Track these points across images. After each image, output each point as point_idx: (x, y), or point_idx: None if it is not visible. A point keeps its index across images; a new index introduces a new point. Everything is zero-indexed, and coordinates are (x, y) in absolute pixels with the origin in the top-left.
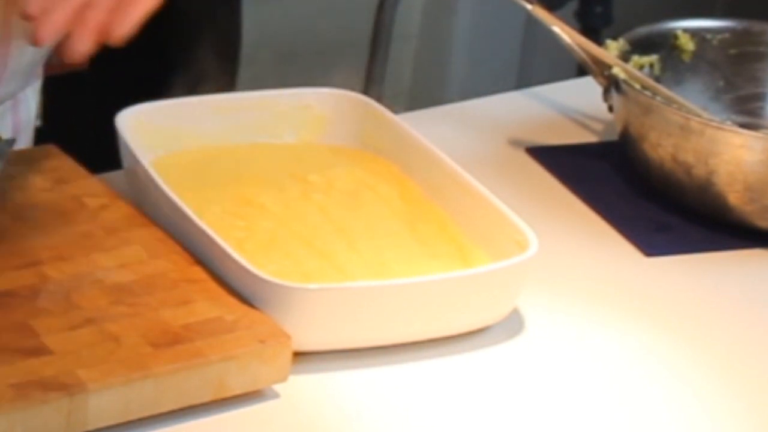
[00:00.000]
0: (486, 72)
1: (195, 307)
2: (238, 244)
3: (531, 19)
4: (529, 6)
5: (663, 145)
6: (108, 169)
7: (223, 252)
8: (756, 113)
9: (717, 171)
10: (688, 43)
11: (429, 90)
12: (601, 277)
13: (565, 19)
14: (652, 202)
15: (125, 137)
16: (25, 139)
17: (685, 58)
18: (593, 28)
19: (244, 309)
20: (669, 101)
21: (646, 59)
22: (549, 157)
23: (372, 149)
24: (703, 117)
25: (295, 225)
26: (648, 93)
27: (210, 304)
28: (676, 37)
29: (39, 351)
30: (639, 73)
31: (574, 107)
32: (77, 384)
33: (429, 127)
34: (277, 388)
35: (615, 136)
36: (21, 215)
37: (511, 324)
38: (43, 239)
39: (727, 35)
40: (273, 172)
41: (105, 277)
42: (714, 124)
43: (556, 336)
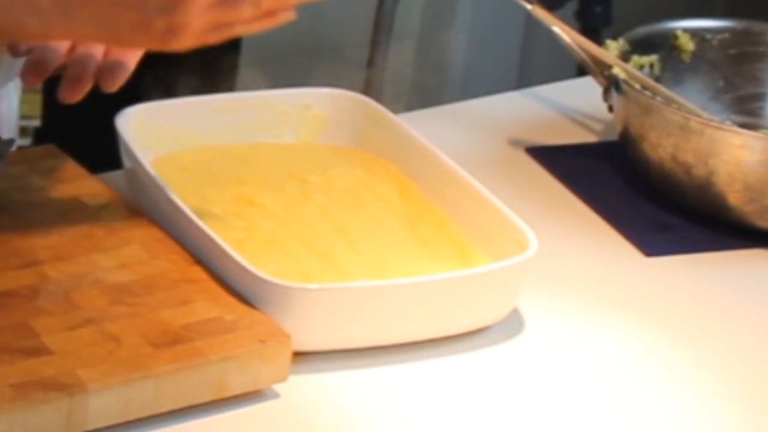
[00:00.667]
0: (486, 72)
1: (195, 307)
2: (238, 244)
3: (531, 19)
4: (529, 6)
5: (663, 145)
6: (108, 169)
7: (223, 252)
8: (756, 113)
9: (717, 171)
10: (688, 43)
11: (429, 90)
12: (601, 277)
13: (565, 19)
14: (652, 202)
15: (125, 137)
16: (9, 132)
17: (685, 58)
18: (593, 28)
19: (244, 309)
20: (669, 101)
21: (646, 59)
22: (549, 157)
23: (372, 149)
24: (703, 117)
25: (295, 225)
26: (648, 93)
27: (210, 304)
28: (676, 37)
29: (39, 351)
30: (639, 73)
31: (574, 107)
32: (77, 384)
33: (429, 127)
34: (277, 388)
35: (615, 136)
36: (21, 215)
37: (511, 324)
38: (43, 239)
39: (727, 35)
40: (273, 172)
41: (105, 277)
42: (714, 124)
43: (556, 336)
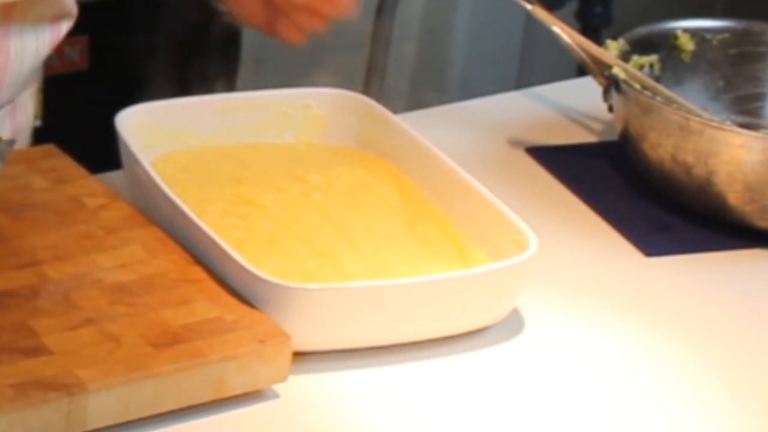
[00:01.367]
0: (486, 72)
1: (195, 307)
2: (238, 244)
3: (531, 19)
4: (529, 6)
5: (663, 145)
6: (108, 169)
7: (223, 252)
8: (756, 113)
9: (717, 171)
10: (688, 43)
11: (429, 90)
12: (601, 277)
13: (565, 19)
14: (652, 202)
15: (125, 137)
16: (23, 143)
17: (685, 58)
18: (593, 28)
19: (244, 309)
20: (669, 101)
21: (646, 59)
22: (549, 157)
23: (372, 149)
24: (702, 117)
25: (295, 225)
26: (648, 93)
27: (210, 304)
28: (676, 37)
29: (39, 351)
30: (639, 73)
31: (574, 107)
32: (77, 384)
33: (429, 127)
34: (277, 388)
35: (615, 136)
36: (21, 215)
37: (511, 324)
38: (43, 239)
39: (727, 35)
40: (273, 172)
41: (105, 277)
42: (714, 124)
43: (556, 336)
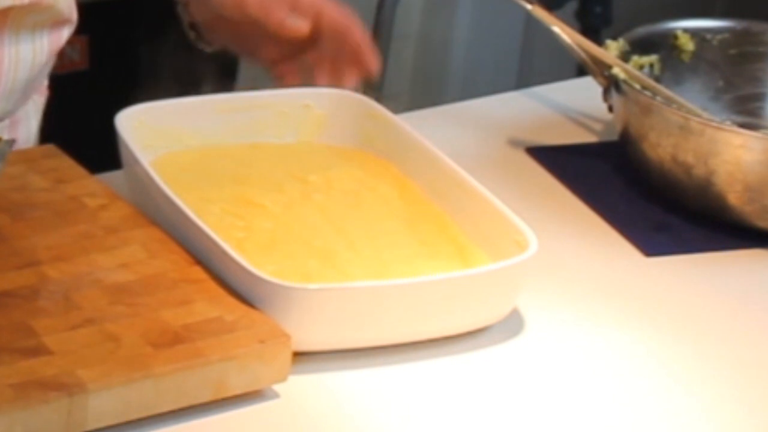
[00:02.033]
0: (486, 72)
1: (195, 307)
2: (238, 244)
3: (531, 19)
4: (529, 6)
5: (663, 145)
6: (108, 169)
7: (223, 252)
8: (756, 113)
9: (717, 171)
10: (688, 43)
11: (429, 90)
12: (601, 277)
13: (565, 19)
14: (652, 202)
15: (125, 137)
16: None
17: (685, 58)
18: (593, 28)
19: (244, 309)
20: (669, 101)
21: (646, 59)
22: (549, 157)
23: (372, 149)
24: (702, 117)
25: (295, 225)
26: (648, 93)
27: (210, 304)
28: (676, 37)
29: (39, 351)
30: (639, 73)
31: (574, 107)
32: (77, 384)
33: (429, 127)
34: (277, 388)
35: (615, 136)
36: (21, 215)
37: (511, 324)
38: (43, 239)
39: (727, 35)
40: (273, 172)
41: (105, 277)
42: (714, 124)
43: (556, 336)
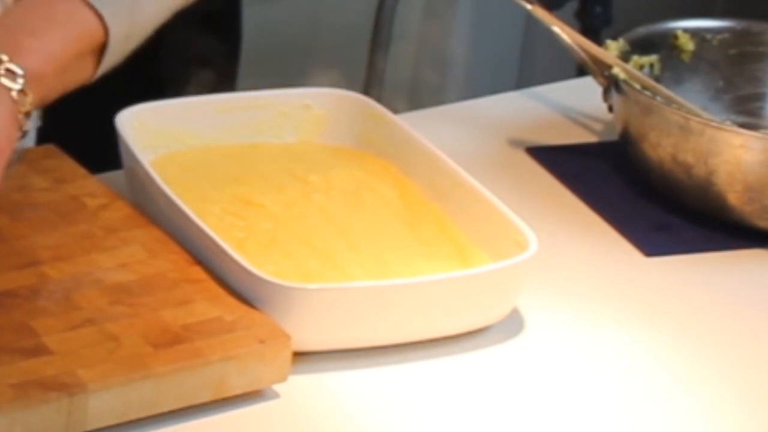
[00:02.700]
0: (486, 72)
1: (195, 307)
2: (238, 244)
3: (531, 19)
4: (529, 6)
5: (663, 145)
6: (108, 169)
7: (223, 252)
8: (756, 113)
9: (717, 171)
10: (688, 43)
11: (429, 90)
12: (601, 277)
13: (565, 19)
14: (652, 202)
15: (125, 137)
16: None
17: (685, 58)
18: (593, 28)
19: (244, 309)
20: (669, 101)
21: (646, 59)
22: (549, 157)
23: (372, 149)
24: (702, 117)
25: (295, 225)
26: (648, 93)
27: (210, 304)
28: (676, 37)
29: (39, 351)
30: (639, 73)
31: (574, 107)
32: (77, 384)
33: (429, 127)
34: (277, 388)
35: (615, 136)
36: (21, 215)
37: (511, 324)
38: (43, 239)
39: (727, 35)
40: (273, 172)
41: (105, 277)
42: (714, 124)
43: (556, 336)
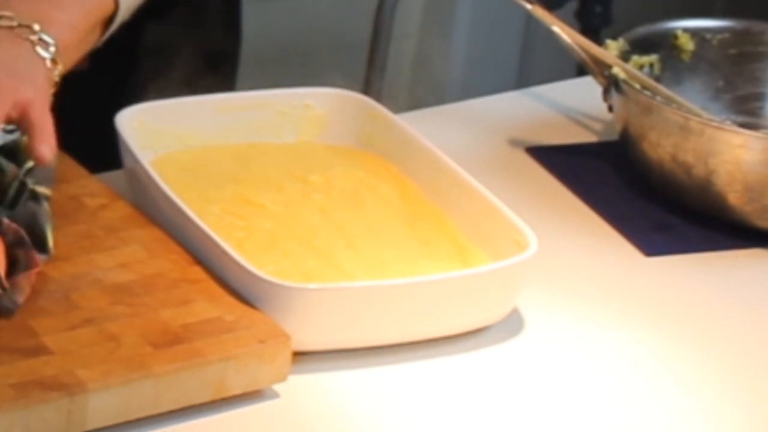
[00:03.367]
0: (486, 72)
1: (195, 307)
2: (238, 244)
3: (531, 19)
4: (529, 6)
5: (663, 145)
6: (108, 169)
7: (223, 252)
8: (756, 113)
9: (717, 171)
10: (688, 43)
11: (429, 90)
12: (601, 277)
13: (565, 19)
14: (652, 202)
15: (125, 137)
16: None
17: (685, 58)
18: (593, 28)
19: (244, 309)
20: (669, 101)
21: (646, 59)
22: (549, 157)
23: (372, 149)
24: (702, 117)
25: (295, 225)
26: (648, 93)
27: (210, 304)
28: (676, 37)
29: (39, 351)
30: (639, 73)
31: (574, 107)
32: (77, 384)
33: (429, 127)
34: (277, 388)
35: (615, 136)
36: None
37: (511, 324)
38: None
39: (726, 35)
40: (273, 172)
41: (105, 277)
42: (714, 124)
43: (556, 336)
